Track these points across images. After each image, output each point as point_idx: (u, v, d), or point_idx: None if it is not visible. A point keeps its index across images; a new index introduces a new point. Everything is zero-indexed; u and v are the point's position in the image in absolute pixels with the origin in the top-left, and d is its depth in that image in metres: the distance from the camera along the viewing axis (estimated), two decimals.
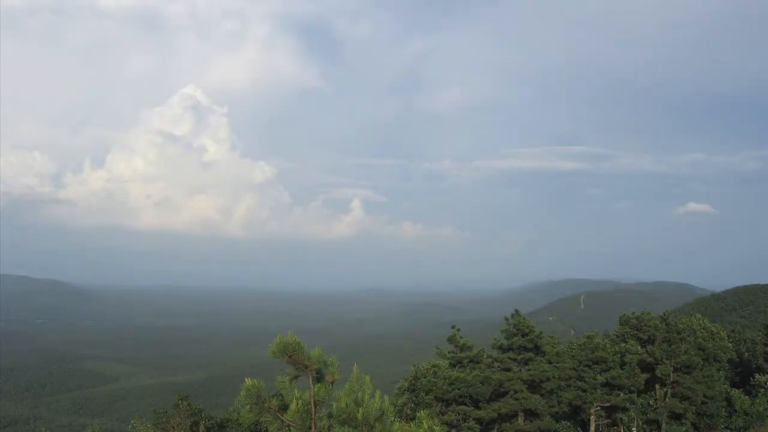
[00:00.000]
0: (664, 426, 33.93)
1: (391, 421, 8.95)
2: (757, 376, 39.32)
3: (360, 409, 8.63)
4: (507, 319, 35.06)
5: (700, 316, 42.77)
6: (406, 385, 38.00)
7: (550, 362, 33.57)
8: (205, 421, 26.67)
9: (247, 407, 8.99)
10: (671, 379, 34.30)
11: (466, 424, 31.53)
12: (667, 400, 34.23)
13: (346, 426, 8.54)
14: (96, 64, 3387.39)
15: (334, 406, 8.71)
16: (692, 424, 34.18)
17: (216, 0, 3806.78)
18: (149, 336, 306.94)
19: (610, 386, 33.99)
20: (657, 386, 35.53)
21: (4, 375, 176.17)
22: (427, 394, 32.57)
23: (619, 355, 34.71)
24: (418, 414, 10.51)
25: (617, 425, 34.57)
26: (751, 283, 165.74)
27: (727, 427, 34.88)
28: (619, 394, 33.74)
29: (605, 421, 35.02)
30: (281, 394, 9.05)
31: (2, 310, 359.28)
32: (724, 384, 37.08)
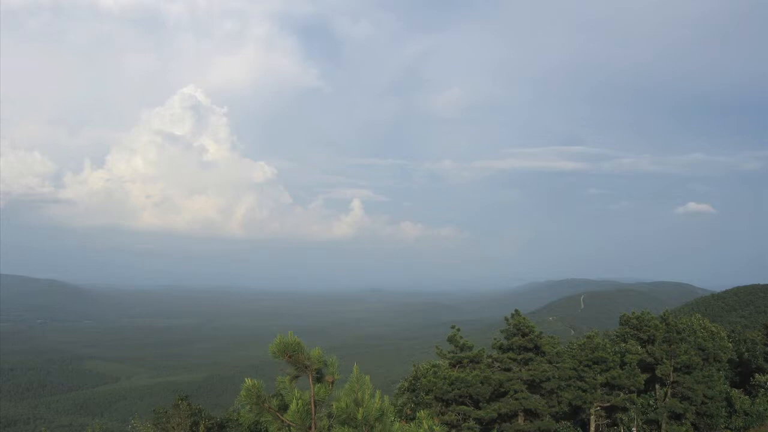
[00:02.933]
0: (664, 426, 33.91)
1: (391, 421, 8.94)
2: (757, 376, 39.27)
3: (360, 409, 8.62)
4: (507, 319, 35.04)
5: (700, 316, 42.65)
6: (406, 385, 38.04)
7: (550, 362, 33.57)
8: (205, 421, 26.65)
9: (247, 407, 9.01)
10: (671, 379, 34.26)
11: (466, 424, 31.51)
12: (667, 400, 34.20)
13: (346, 426, 8.53)
14: (96, 64, 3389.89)
15: (334, 406, 8.70)
16: (692, 424, 34.13)
17: (216, 0, 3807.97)
18: (149, 336, 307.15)
19: (610, 386, 33.98)
20: (657, 386, 35.49)
21: (4, 375, 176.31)
22: (427, 394, 32.58)
23: (619, 355, 34.66)
24: (418, 414, 10.51)
25: (617, 425, 34.54)
26: (751, 283, 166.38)
27: (727, 427, 34.83)
28: (619, 394, 33.73)
29: (605, 421, 35.00)
30: (281, 394, 9.05)
31: (2, 310, 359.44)
32: (724, 384, 37.01)
